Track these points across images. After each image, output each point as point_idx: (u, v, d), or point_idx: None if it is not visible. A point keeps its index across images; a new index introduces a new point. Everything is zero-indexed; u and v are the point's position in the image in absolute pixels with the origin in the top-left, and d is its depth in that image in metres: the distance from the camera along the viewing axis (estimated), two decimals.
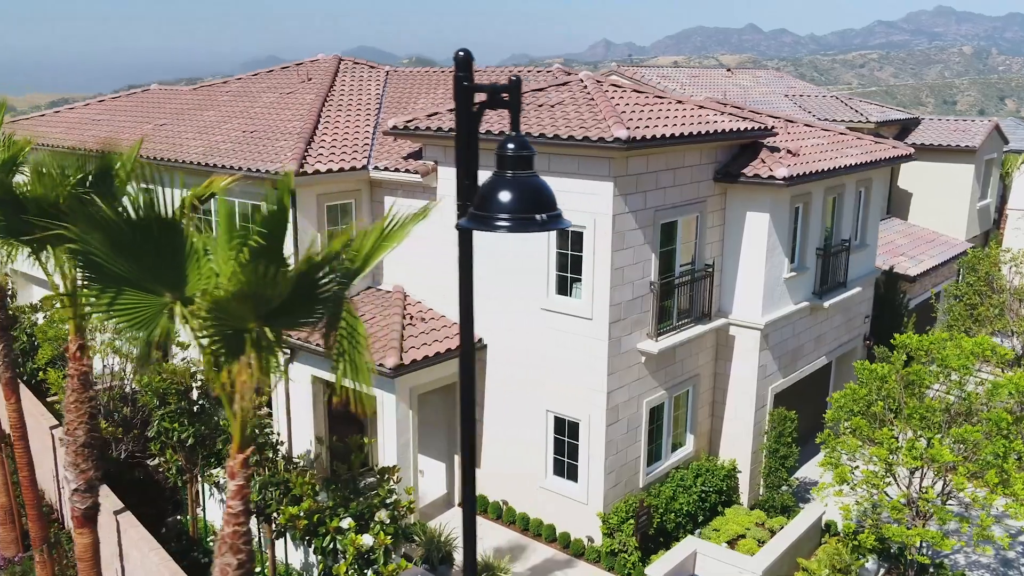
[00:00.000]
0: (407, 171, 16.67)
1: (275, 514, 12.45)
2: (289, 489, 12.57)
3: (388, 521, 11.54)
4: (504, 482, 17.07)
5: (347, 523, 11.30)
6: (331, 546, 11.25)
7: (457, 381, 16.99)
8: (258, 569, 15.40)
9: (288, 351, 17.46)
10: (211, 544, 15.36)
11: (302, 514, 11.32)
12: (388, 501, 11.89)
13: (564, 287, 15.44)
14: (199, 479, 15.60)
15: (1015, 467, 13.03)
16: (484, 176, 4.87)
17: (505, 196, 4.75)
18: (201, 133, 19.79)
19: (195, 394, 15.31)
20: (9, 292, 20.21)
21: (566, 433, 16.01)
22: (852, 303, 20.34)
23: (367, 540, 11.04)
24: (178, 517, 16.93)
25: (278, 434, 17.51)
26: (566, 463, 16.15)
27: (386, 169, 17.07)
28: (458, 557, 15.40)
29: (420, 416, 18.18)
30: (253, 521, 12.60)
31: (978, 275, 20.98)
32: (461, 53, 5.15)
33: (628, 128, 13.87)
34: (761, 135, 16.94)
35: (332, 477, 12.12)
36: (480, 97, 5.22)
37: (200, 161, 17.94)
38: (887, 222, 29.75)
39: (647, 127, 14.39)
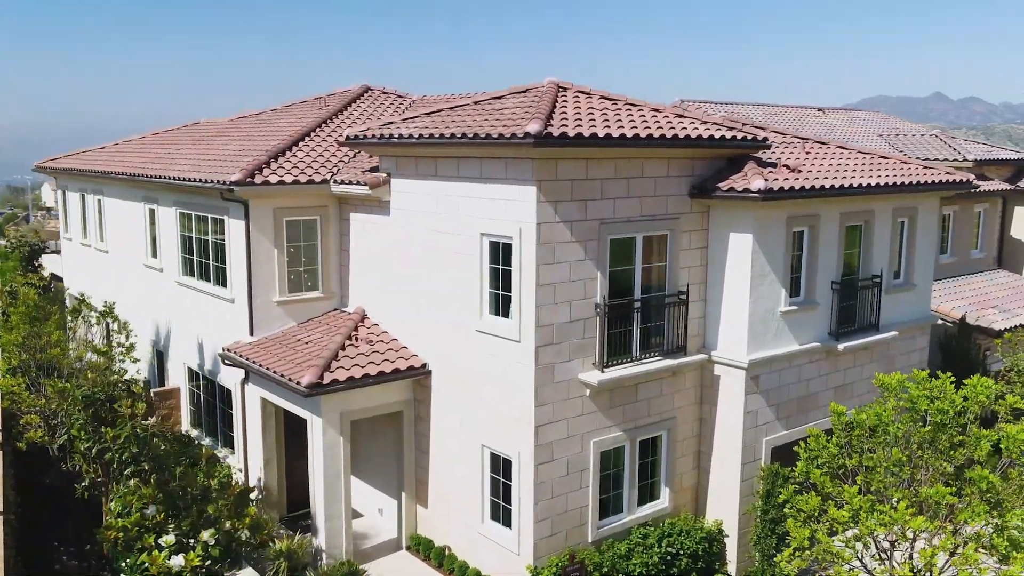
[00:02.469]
0: (357, 183, 15.77)
1: None
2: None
3: (212, 542, 10.29)
4: (448, 524, 15.42)
5: (165, 540, 10.16)
6: (144, 565, 10.16)
7: (405, 410, 15.69)
8: None
9: (244, 373, 16.80)
10: (124, 565, 14.61)
11: (119, 527, 10.29)
12: (213, 518, 10.66)
13: (500, 307, 13.87)
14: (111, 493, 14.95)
15: (1004, 543, 10.15)
16: (428, 185, 3.71)
17: None
18: (201, 154, 19.82)
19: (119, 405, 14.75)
20: None
21: (501, 472, 14.26)
22: (890, 350, 17.39)
23: (176, 561, 9.84)
24: None
25: (233, 455, 16.77)
26: (501, 506, 14.35)
27: (343, 183, 16.25)
28: None
29: (374, 448, 16.97)
30: None
31: None
32: None
33: (550, 126, 12.37)
34: (749, 146, 14.87)
35: (163, 491, 11.03)
36: None
37: (177, 176, 17.89)
38: (991, 273, 26.08)
39: (579, 127, 12.79)
